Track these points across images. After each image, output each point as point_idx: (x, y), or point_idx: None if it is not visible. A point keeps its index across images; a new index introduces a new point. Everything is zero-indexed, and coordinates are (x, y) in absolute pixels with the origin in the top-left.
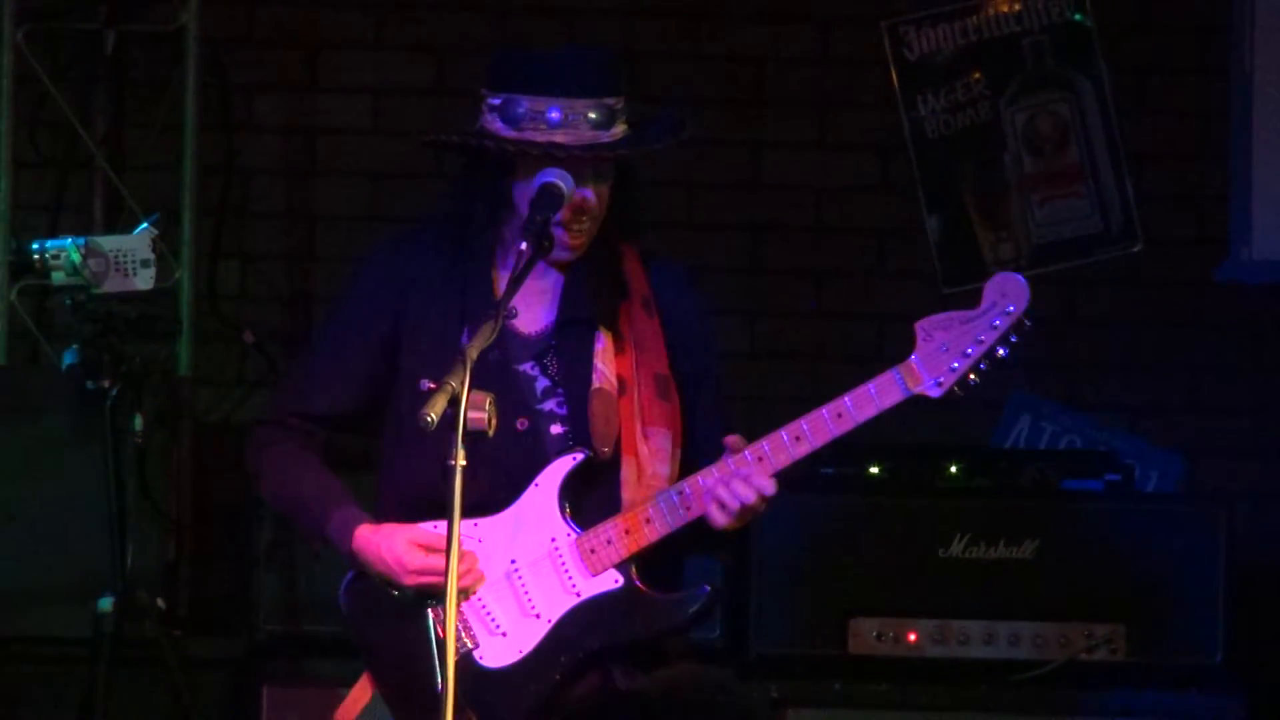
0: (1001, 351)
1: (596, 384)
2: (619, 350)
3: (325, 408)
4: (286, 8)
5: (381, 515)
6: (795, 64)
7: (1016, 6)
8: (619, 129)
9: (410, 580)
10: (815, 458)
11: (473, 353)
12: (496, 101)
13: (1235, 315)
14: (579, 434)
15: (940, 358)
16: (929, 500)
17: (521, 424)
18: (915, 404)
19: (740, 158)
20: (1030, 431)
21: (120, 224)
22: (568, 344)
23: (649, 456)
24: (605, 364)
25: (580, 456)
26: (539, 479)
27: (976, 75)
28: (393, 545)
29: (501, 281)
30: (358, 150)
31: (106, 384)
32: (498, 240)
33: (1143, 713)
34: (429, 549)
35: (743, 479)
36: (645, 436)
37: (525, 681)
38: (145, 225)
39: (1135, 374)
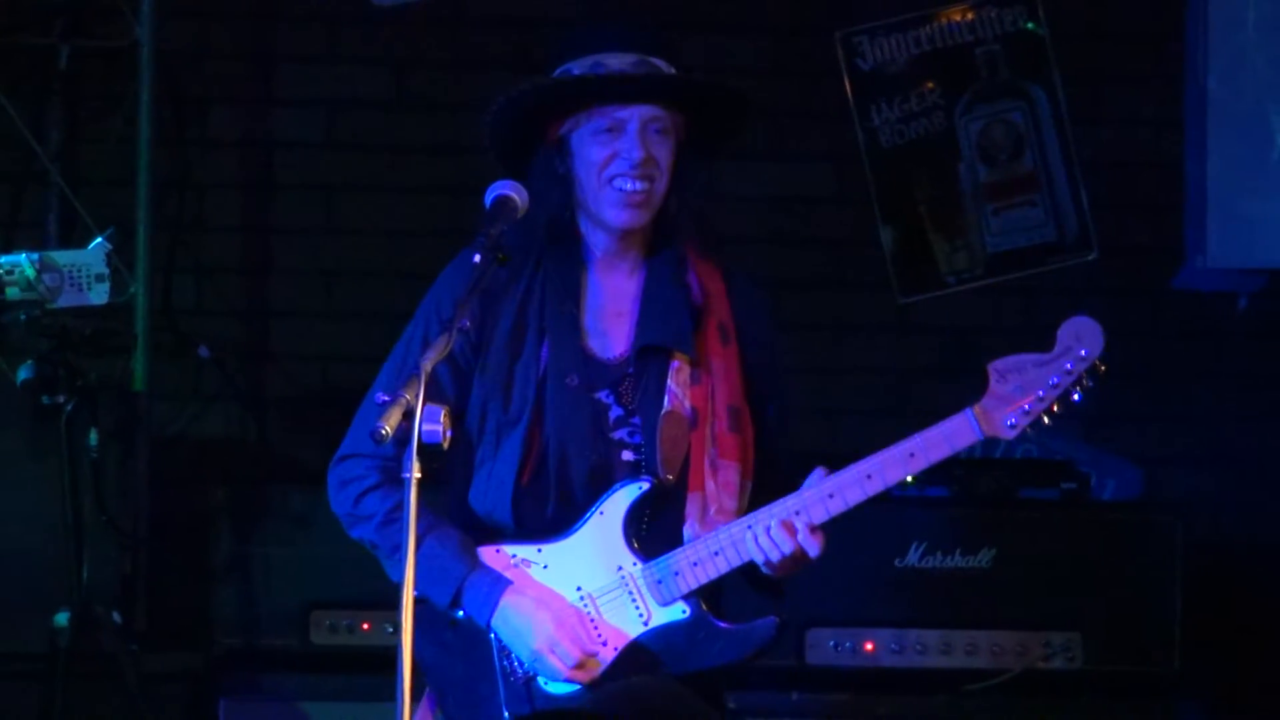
0: (1075, 396)
1: (668, 406)
2: (694, 380)
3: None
4: (241, 21)
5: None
6: (749, 74)
7: (970, 16)
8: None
9: (558, 662)
10: None
11: (427, 365)
12: (560, 71)
13: (1191, 323)
14: (649, 462)
15: (1013, 400)
16: (885, 510)
17: (594, 451)
18: (870, 412)
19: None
20: (986, 440)
21: (75, 239)
22: (644, 372)
23: (716, 491)
24: (679, 387)
25: (646, 486)
26: (604, 506)
27: (930, 85)
28: (566, 625)
29: (585, 309)
30: (313, 164)
31: (62, 399)
32: (578, 261)
33: None
34: (587, 653)
35: (787, 531)
36: (715, 470)
37: (584, 703)
38: (100, 240)
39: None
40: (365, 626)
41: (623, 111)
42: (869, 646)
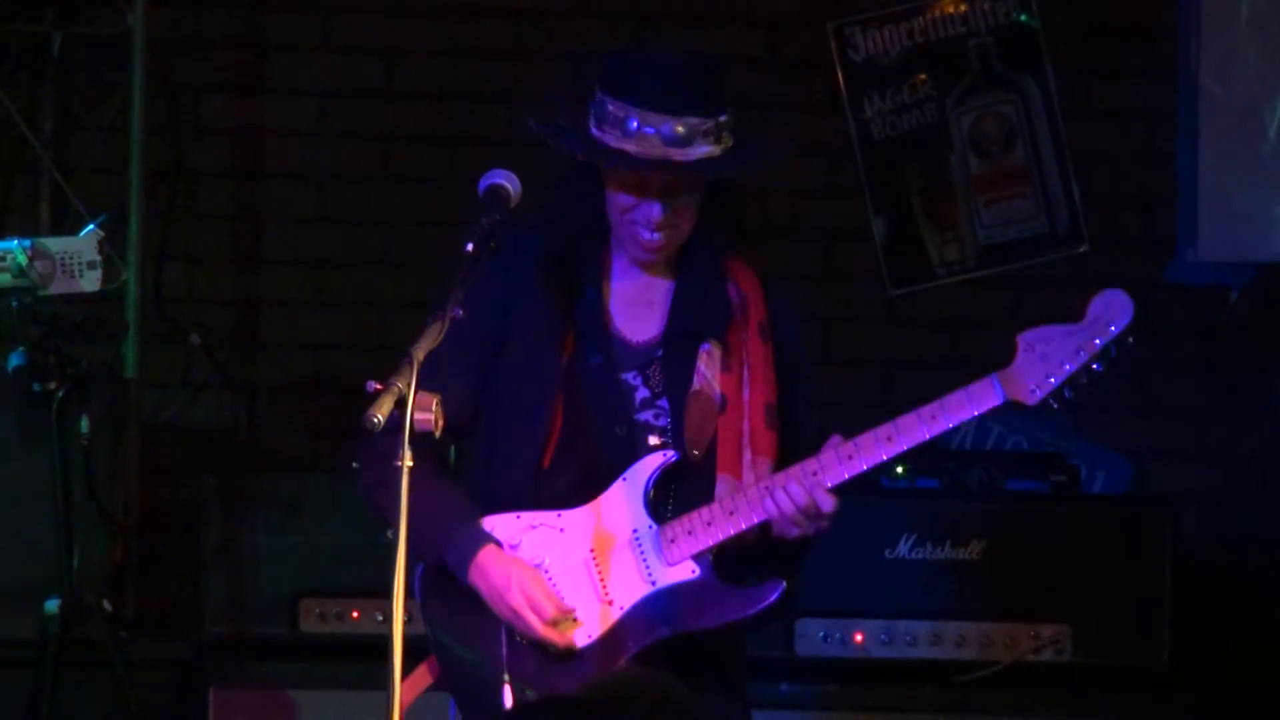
0: (1096, 366)
1: (696, 386)
2: (726, 369)
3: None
4: (233, 10)
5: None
6: (741, 66)
7: (962, 8)
8: (703, 148)
9: (528, 622)
10: None
11: (419, 353)
12: (598, 98)
13: (1181, 316)
14: (675, 440)
15: (1039, 367)
16: (876, 501)
17: (619, 431)
18: (861, 404)
19: None
20: (977, 432)
21: (67, 226)
22: (674, 356)
23: (753, 484)
24: (709, 369)
25: (671, 455)
26: (626, 474)
27: (922, 77)
28: (528, 585)
29: (612, 293)
30: (305, 152)
31: (53, 386)
32: (605, 247)
33: (1089, 714)
34: (561, 612)
35: (802, 486)
36: (753, 465)
37: (589, 666)
38: (92, 227)
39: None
40: (354, 615)
41: (650, 174)
42: (858, 638)
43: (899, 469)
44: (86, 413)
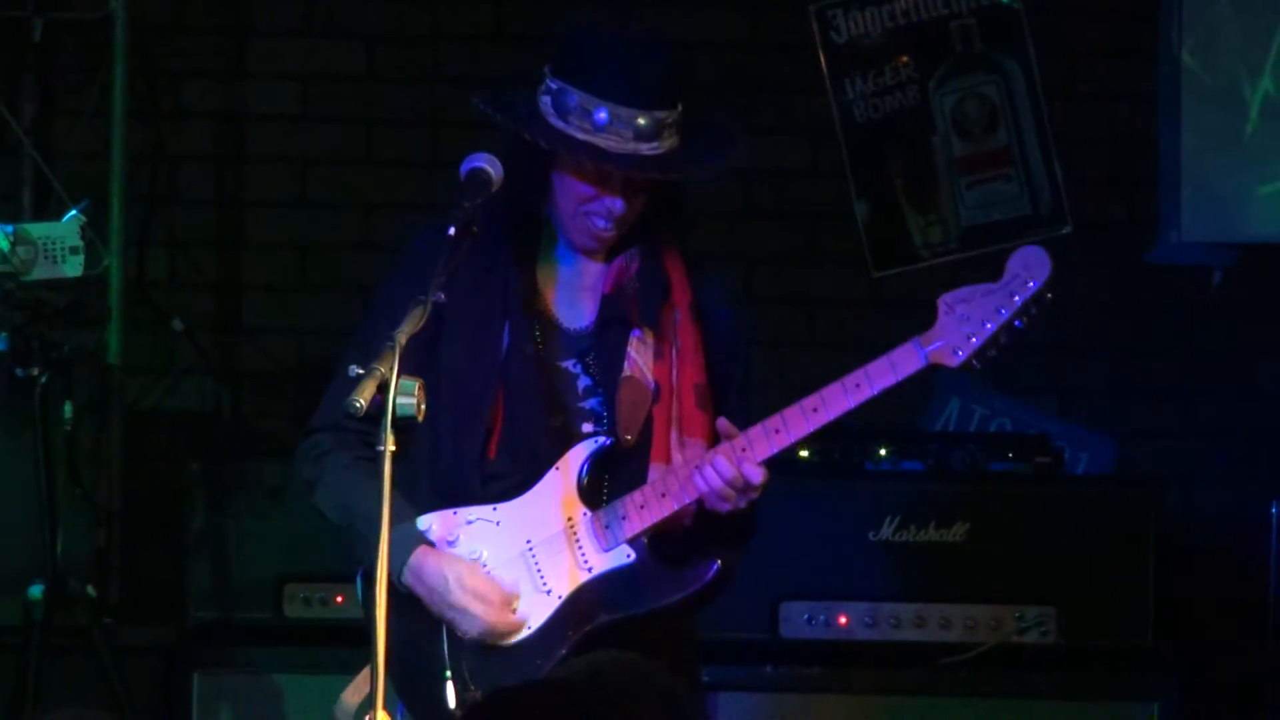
0: (1018, 324)
1: (627, 372)
2: (658, 355)
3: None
4: None
5: (414, 503)
6: (723, 48)
7: None
8: (667, 142)
9: (474, 615)
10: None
11: (401, 338)
12: (554, 86)
13: (1165, 298)
14: (609, 425)
15: (960, 328)
16: (859, 483)
17: (556, 420)
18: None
19: None
20: (960, 414)
21: (49, 211)
22: (607, 343)
23: (683, 465)
24: (639, 355)
25: (603, 440)
26: (560, 462)
27: (904, 59)
28: (467, 579)
29: (551, 279)
30: (287, 137)
31: (36, 372)
32: (543, 232)
33: (1074, 695)
34: (503, 603)
35: (730, 460)
36: (682, 445)
37: (532, 657)
38: (74, 213)
39: (1065, 356)
40: (338, 600)
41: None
42: (843, 620)
43: (882, 451)
44: (70, 398)
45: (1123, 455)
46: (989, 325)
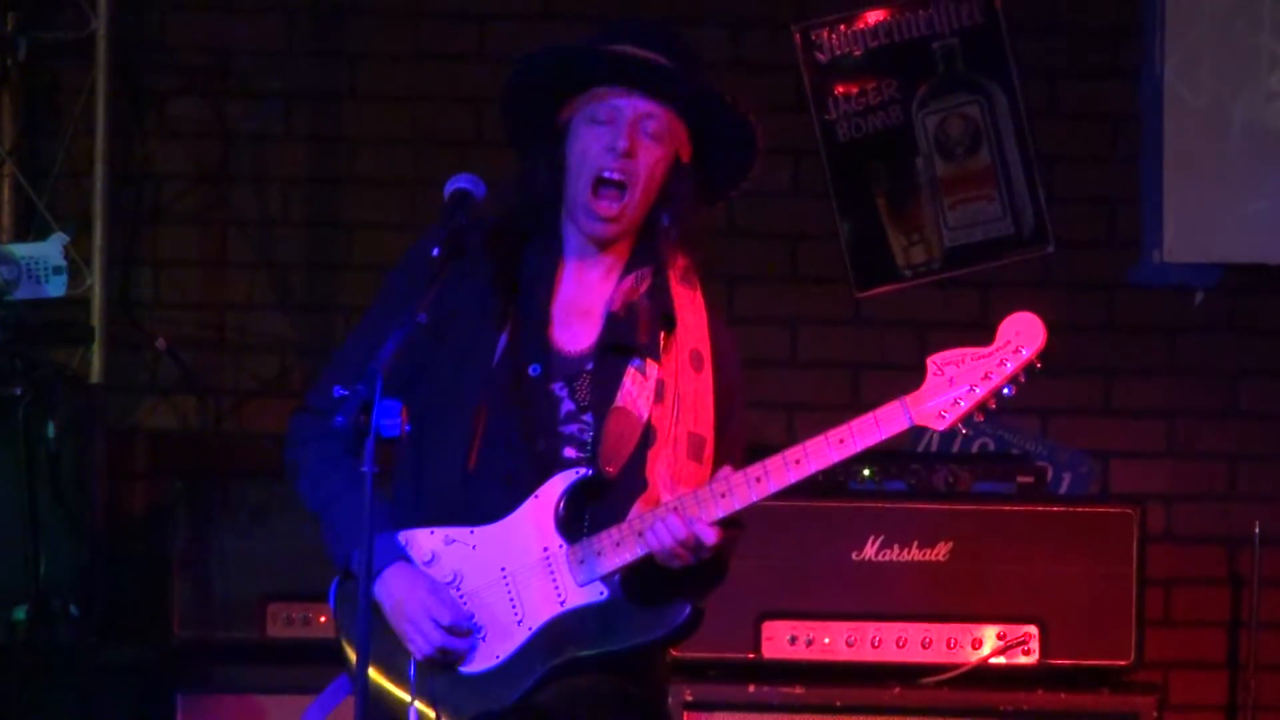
0: (1007, 391)
1: (619, 403)
2: (659, 396)
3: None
4: (198, 13)
5: (396, 516)
6: (706, 67)
7: (927, 10)
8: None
9: (425, 631)
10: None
11: (385, 362)
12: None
13: (1147, 317)
14: (592, 454)
15: (947, 392)
16: (842, 503)
17: (540, 444)
18: (826, 406)
19: None
20: (943, 434)
21: (32, 231)
22: (603, 371)
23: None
24: (635, 387)
25: (583, 472)
26: (539, 491)
27: (887, 79)
28: (425, 596)
29: (555, 296)
30: (271, 155)
31: (19, 391)
32: (557, 240)
33: (1056, 714)
34: (456, 632)
35: (682, 520)
36: (675, 492)
37: (499, 686)
38: (57, 233)
39: (1047, 376)
40: (321, 619)
41: (621, 100)
42: (825, 640)
43: (866, 471)
44: (53, 418)
45: (1105, 475)
46: (977, 390)
